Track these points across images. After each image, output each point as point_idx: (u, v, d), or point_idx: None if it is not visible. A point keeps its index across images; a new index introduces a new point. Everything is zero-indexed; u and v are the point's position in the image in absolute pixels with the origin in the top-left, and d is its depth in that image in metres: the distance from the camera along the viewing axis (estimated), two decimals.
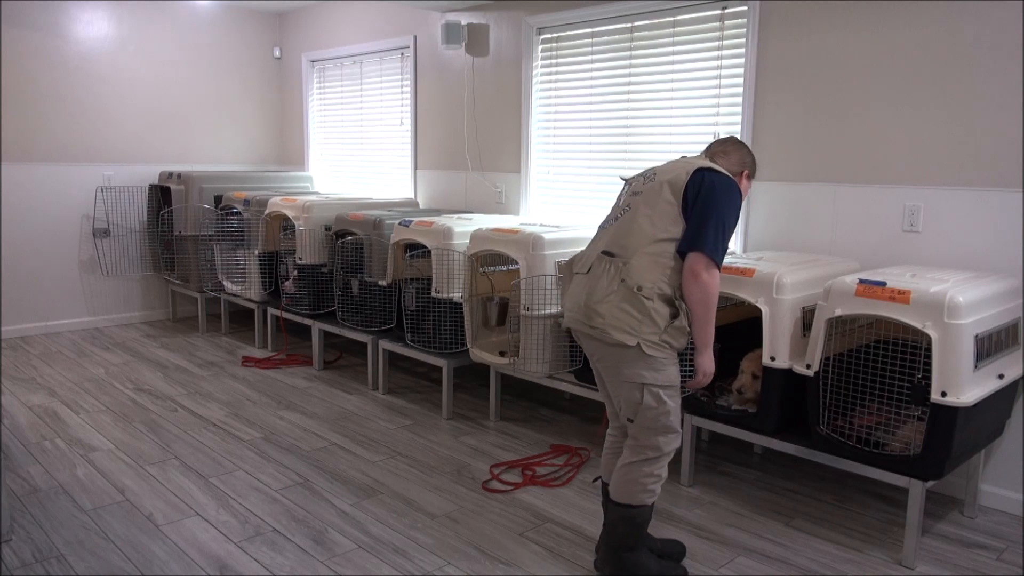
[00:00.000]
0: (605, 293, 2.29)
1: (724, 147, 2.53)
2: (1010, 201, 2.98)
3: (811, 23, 3.45)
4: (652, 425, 2.34)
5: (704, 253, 2.23)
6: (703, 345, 2.34)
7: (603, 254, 2.36)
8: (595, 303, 2.30)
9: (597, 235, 2.47)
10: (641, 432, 2.37)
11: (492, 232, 3.70)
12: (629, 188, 2.48)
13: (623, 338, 2.26)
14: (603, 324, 2.28)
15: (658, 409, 2.33)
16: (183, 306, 6.40)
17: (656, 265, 2.27)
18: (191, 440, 3.68)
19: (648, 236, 2.29)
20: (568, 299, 2.45)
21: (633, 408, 2.35)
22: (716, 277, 2.26)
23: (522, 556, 2.68)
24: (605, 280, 2.31)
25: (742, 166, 2.53)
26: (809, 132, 3.50)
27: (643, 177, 2.44)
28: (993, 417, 2.80)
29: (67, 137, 5.67)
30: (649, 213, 2.32)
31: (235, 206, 5.37)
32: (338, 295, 4.60)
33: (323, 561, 2.61)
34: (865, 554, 2.74)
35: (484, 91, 4.98)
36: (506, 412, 4.18)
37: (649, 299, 2.25)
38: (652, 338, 2.26)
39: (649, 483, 2.40)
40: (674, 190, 2.31)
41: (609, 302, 2.28)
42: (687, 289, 2.26)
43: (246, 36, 6.53)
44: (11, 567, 2.54)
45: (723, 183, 2.31)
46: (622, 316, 2.26)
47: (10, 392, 4.35)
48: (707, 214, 2.25)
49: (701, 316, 2.28)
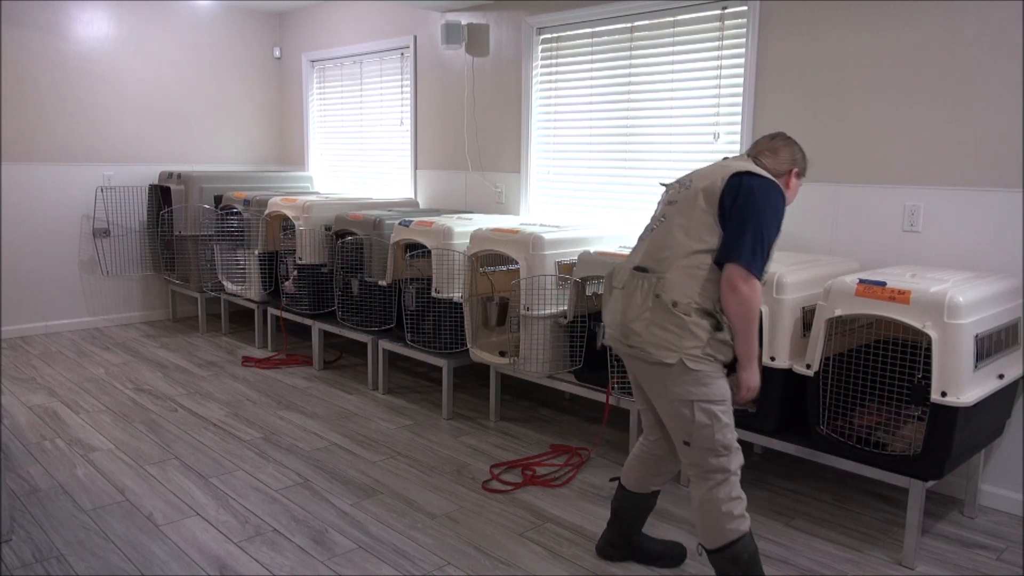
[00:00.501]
0: (640, 310, 2.19)
1: (772, 144, 2.37)
2: (1010, 201, 2.98)
3: (811, 23, 3.45)
4: (710, 445, 2.20)
5: (741, 264, 2.10)
6: (746, 360, 2.20)
7: (636, 269, 2.25)
8: (630, 321, 2.21)
9: (635, 246, 2.37)
10: (700, 455, 2.23)
11: (492, 232, 3.70)
12: (666, 196, 2.36)
13: (663, 356, 2.16)
14: (640, 343, 2.18)
15: (712, 426, 2.19)
16: (183, 306, 6.40)
17: (692, 278, 2.16)
18: (191, 440, 3.68)
19: (683, 248, 2.18)
20: (607, 315, 2.35)
21: (686, 428, 2.21)
22: (757, 289, 2.12)
23: (522, 556, 2.67)
24: (639, 296, 2.21)
25: (791, 164, 2.37)
26: (809, 132, 3.49)
27: (679, 184, 2.32)
28: (993, 417, 2.80)
29: (67, 137, 5.67)
30: (684, 223, 2.20)
31: (235, 206, 5.37)
32: (338, 295, 4.60)
33: (323, 561, 2.61)
34: (865, 554, 2.74)
35: (484, 91, 4.98)
36: (506, 412, 4.18)
37: (686, 314, 2.14)
38: (695, 352, 2.14)
39: (734, 509, 2.22)
40: (709, 197, 2.19)
41: (644, 319, 2.18)
42: (726, 302, 2.14)
43: (246, 36, 6.53)
44: (11, 567, 2.54)
45: (762, 187, 2.17)
46: (659, 333, 2.16)
47: (10, 392, 4.35)
48: (744, 222, 2.13)
49: (742, 330, 2.15)
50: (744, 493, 2.25)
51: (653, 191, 4.13)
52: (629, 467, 2.55)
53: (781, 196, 2.21)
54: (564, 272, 3.57)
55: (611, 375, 3.35)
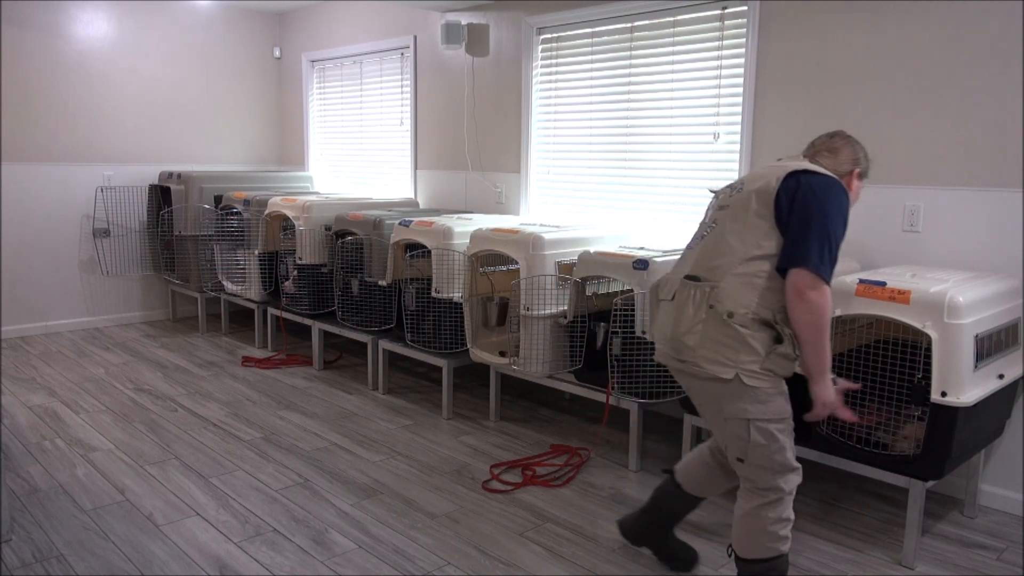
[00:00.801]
0: (692, 322, 2.05)
1: (831, 143, 2.22)
2: (1010, 201, 2.98)
3: (811, 23, 3.45)
4: (766, 464, 2.09)
5: (808, 268, 1.95)
6: (819, 373, 2.04)
7: (687, 279, 2.12)
8: (682, 334, 2.07)
9: (683, 255, 2.24)
10: (755, 473, 2.11)
11: (492, 232, 3.70)
12: (716, 201, 2.22)
13: (718, 371, 2.02)
14: (693, 357, 2.05)
15: (769, 447, 2.07)
16: (183, 306, 6.40)
17: (749, 287, 2.02)
18: (191, 440, 3.68)
19: (738, 255, 2.04)
20: (656, 330, 2.22)
21: (741, 447, 2.10)
22: (826, 294, 1.97)
23: (522, 556, 2.67)
24: (691, 308, 2.06)
25: (853, 164, 2.21)
26: (809, 132, 3.49)
27: (730, 188, 2.19)
28: (993, 417, 2.80)
29: (67, 137, 5.67)
30: (737, 228, 2.06)
31: (235, 206, 5.37)
32: (338, 295, 4.60)
33: (323, 561, 2.61)
34: (865, 554, 2.74)
35: (484, 91, 4.98)
36: (506, 412, 4.18)
37: (744, 326, 2.00)
38: (752, 367, 2.01)
39: (780, 530, 2.12)
40: (763, 199, 2.04)
41: (697, 332, 2.04)
42: (792, 311, 1.99)
43: (246, 36, 6.53)
44: (11, 567, 2.54)
45: (823, 184, 2.02)
46: (714, 346, 2.02)
47: (10, 392, 4.35)
48: (807, 222, 1.97)
49: (812, 340, 1.99)
50: (793, 514, 2.15)
51: (653, 191, 4.13)
52: (692, 468, 2.40)
53: (844, 193, 2.05)
54: (564, 272, 3.57)
55: (611, 375, 3.35)
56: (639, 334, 3.21)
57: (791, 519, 2.14)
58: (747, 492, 2.15)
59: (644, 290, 3.19)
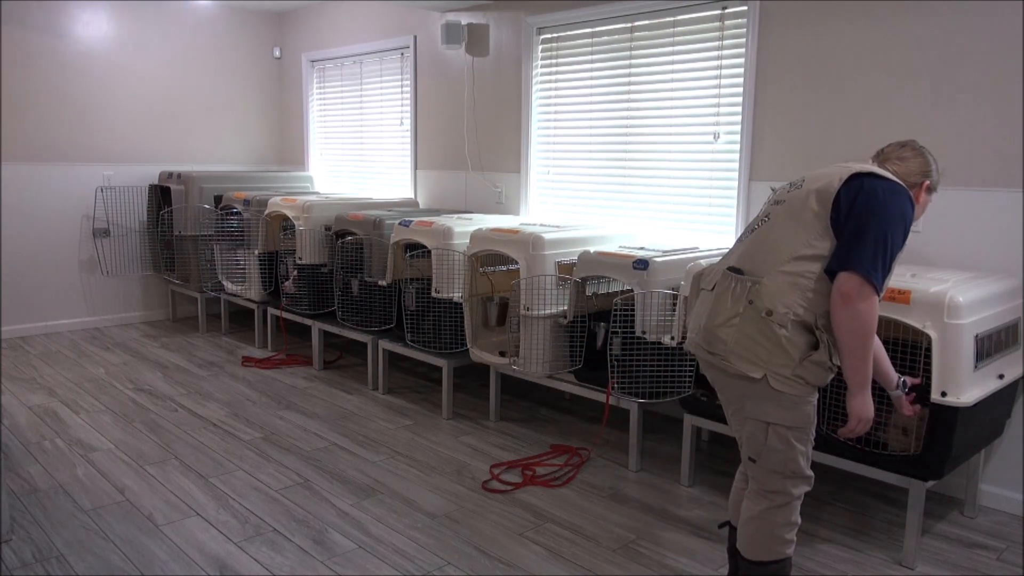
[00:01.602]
0: (728, 315, 1.98)
1: (901, 152, 2.11)
2: (1010, 201, 2.98)
3: (811, 23, 3.45)
4: (778, 468, 2.04)
5: (859, 273, 1.84)
6: (856, 386, 1.95)
7: (730, 270, 2.04)
8: (716, 326, 2.00)
9: (732, 248, 2.16)
10: (765, 475, 2.06)
11: (492, 232, 3.70)
12: (773, 196, 2.14)
13: (747, 369, 1.95)
14: (724, 351, 1.98)
15: (785, 453, 2.01)
16: (183, 306, 6.40)
17: (794, 287, 1.93)
18: (191, 440, 3.68)
19: (787, 252, 1.95)
20: (691, 319, 2.16)
21: (756, 448, 2.05)
22: (873, 303, 1.86)
23: (522, 556, 2.67)
24: (729, 300, 1.99)
25: (923, 176, 2.09)
26: (809, 132, 3.49)
27: (790, 184, 2.10)
28: (993, 417, 2.80)
29: (67, 137, 5.67)
30: (791, 226, 1.98)
31: (235, 206, 5.37)
32: (338, 295, 4.60)
33: (323, 561, 2.61)
34: (865, 554, 2.74)
35: (484, 91, 4.98)
36: (506, 412, 4.18)
37: (782, 326, 1.91)
38: (783, 371, 1.93)
39: (785, 533, 2.09)
40: (822, 198, 1.95)
41: (732, 326, 1.97)
42: (835, 316, 1.89)
43: (246, 36, 6.53)
44: (11, 567, 2.54)
45: (887, 189, 1.92)
46: (747, 343, 1.95)
47: (10, 392, 4.35)
48: (865, 226, 1.87)
49: (853, 349, 1.89)
50: (800, 518, 2.12)
51: (653, 191, 4.13)
52: (736, 503, 2.30)
53: (909, 200, 1.94)
54: (564, 272, 3.57)
55: (611, 375, 3.35)
56: (639, 334, 3.21)
57: (798, 523, 2.11)
58: (755, 494, 2.12)
59: (644, 290, 3.19)
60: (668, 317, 3.20)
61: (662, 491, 3.22)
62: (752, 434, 2.04)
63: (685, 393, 3.21)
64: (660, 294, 3.19)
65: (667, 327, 3.19)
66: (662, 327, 3.19)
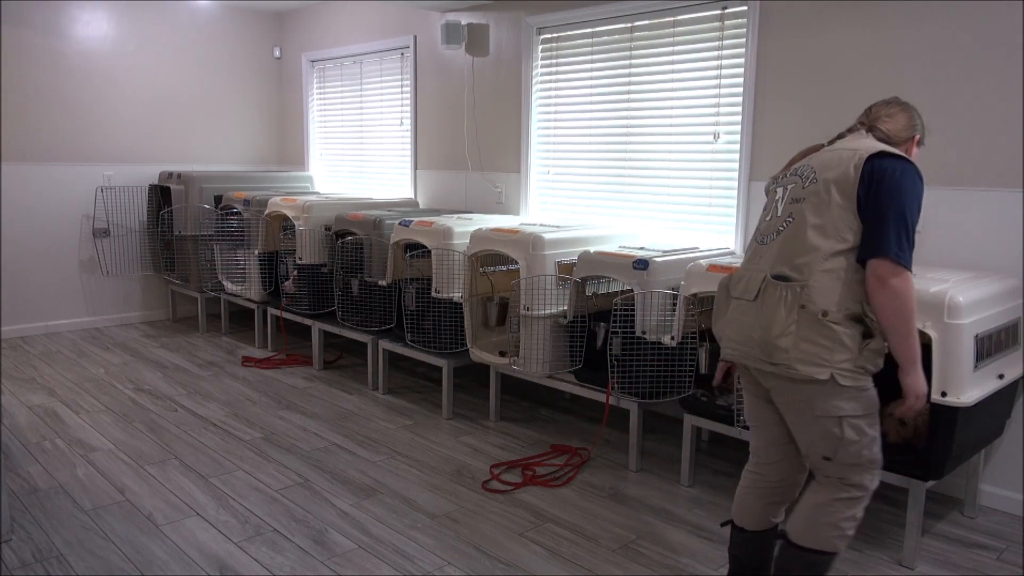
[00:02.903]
0: (784, 324, 1.98)
1: (888, 109, 2.15)
2: (1010, 201, 2.98)
3: (811, 23, 3.45)
4: (856, 460, 2.04)
5: (888, 258, 1.91)
6: (908, 362, 1.97)
7: (775, 279, 2.03)
8: (776, 337, 1.99)
9: (754, 251, 2.16)
10: (843, 471, 2.05)
11: (492, 232, 3.70)
12: (786, 193, 2.12)
13: (813, 372, 1.96)
14: (787, 359, 1.98)
15: (861, 442, 2.02)
16: (183, 306, 6.40)
17: (838, 282, 1.96)
18: (191, 440, 3.68)
19: (823, 250, 1.98)
20: (730, 328, 2.14)
21: (832, 444, 2.03)
22: (908, 280, 1.92)
23: (522, 556, 2.67)
24: (783, 310, 1.99)
25: (911, 130, 2.15)
26: (809, 132, 3.49)
27: (800, 177, 2.10)
28: (993, 417, 2.80)
29: (67, 137, 5.67)
30: (819, 223, 2.00)
31: (235, 206, 5.37)
32: (338, 295, 4.60)
33: (323, 561, 2.61)
34: (865, 554, 2.74)
35: (484, 91, 4.98)
36: (506, 412, 4.18)
37: (838, 323, 1.95)
38: (847, 365, 1.96)
39: (847, 527, 2.08)
40: (844, 190, 1.99)
41: (791, 334, 1.97)
42: (875, 301, 1.94)
43: (246, 36, 6.53)
44: (11, 567, 2.54)
45: (896, 169, 1.96)
46: (808, 347, 1.96)
47: (10, 392, 4.35)
48: (884, 210, 1.93)
49: (899, 328, 1.93)
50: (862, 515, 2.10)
51: (653, 191, 4.13)
52: (742, 504, 2.29)
53: (918, 174, 2.00)
54: (564, 272, 3.57)
55: (611, 375, 3.35)
56: (639, 334, 3.21)
57: (860, 519, 2.09)
58: (831, 485, 2.08)
59: (644, 290, 3.19)
60: (668, 317, 3.20)
61: (662, 491, 3.22)
62: (826, 431, 2.03)
63: (685, 393, 3.21)
64: (660, 294, 3.19)
65: (667, 327, 3.19)
66: (662, 327, 3.19)
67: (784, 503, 2.27)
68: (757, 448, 2.27)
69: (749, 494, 2.27)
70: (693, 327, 3.13)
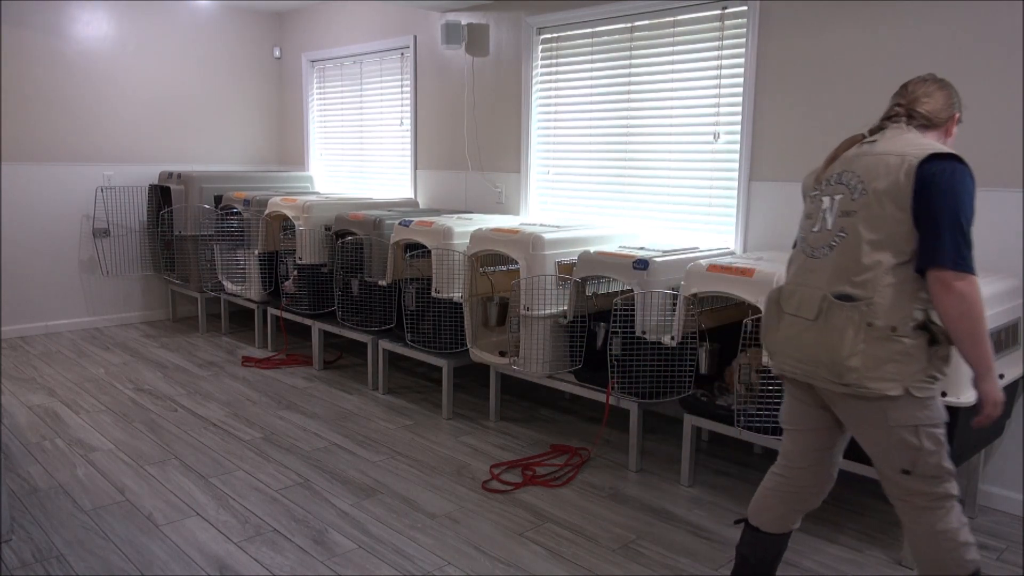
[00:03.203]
0: (853, 344, 1.93)
1: (925, 88, 2.07)
2: (1010, 201, 2.98)
3: (811, 23, 3.45)
4: (935, 472, 1.98)
5: (947, 268, 1.85)
6: (983, 368, 1.91)
7: (838, 298, 1.96)
8: (844, 358, 1.94)
9: (802, 263, 2.09)
10: (924, 484, 2.00)
11: (492, 232, 3.70)
12: (834, 204, 2.04)
13: (886, 388, 1.92)
14: (858, 378, 1.93)
15: (938, 452, 1.98)
16: (183, 306, 6.40)
17: (903, 294, 1.91)
18: (191, 440, 3.68)
19: (884, 265, 1.92)
20: (788, 346, 2.08)
21: (910, 456, 1.98)
22: (973, 283, 1.86)
23: (522, 556, 2.67)
24: (851, 331, 1.93)
25: (950, 109, 2.07)
26: (809, 132, 3.49)
27: (847, 187, 2.01)
28: None
29: (67, 137, 5.67)
30: (875, 238, 1.93)
31: (235, 206, 5.37)
32: (338, 295, 4.60)
33: (323, 561, 2.61)
34: (865, 554, 2.74)
35: (484, 91, 4.98)
36: (506, 412, 4.18)
37: (906, 336, 1.90)
38: (920, 377, 1.92)
39: (969, 537, 2.01)
40: (897, 201, 1.91)
41: (861, 352, 1.92)
42: (941, 308, 1.88)
43: (246, 36, 6.53)
44: (11, 567, 2.54)
45: (946, 171, 1.88)
46: (879, 364, 1.91)
47: (10, 392, 4.35)
48: (938, 216, 1.87)
49: (969, 332, 1.87)
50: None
51: (653, 191, 4.13)
52: (763, 504, 2.25)
53: (969, 173, 1.92)
54: (564, 272, 3.57)
55: (611, 375, 3.35)
56: (639, 334, 3.21)
57: (967, 523, 2.03)
58: (918, 510, 2.02)
59: (644, 290, 3.19)
60: (668, 317, 3.20)
61: (662, 491, 3.22)
62: (903, 442, 1.98)
63: (685, 393, 3.21)
64: (660, 294, 3.19)
65: (667, 327, 3.19)
66: (662, 327, 3.19)
67: (805, 511, 2.24)
68: (790, 452, 2.21)
69: (773, 496, 2.23)
70: (693, 327, 3.13)
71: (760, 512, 2.25)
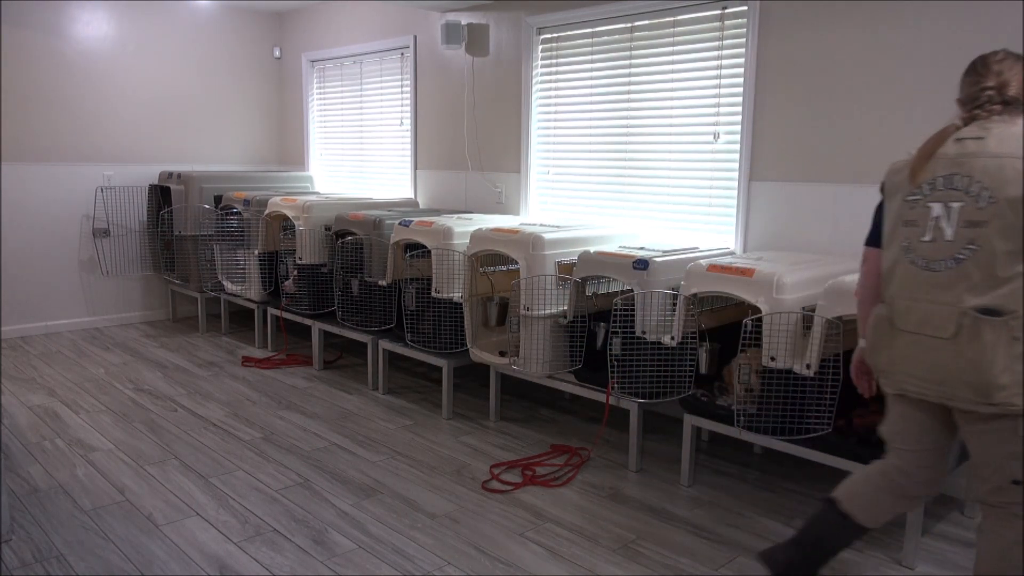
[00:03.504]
0: (1005, 361, 1.87)
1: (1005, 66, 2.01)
2: None
3: (811, 23, 3.45)
4: None
5: None
6: None
7: (983, 314, 1.89)
8: (995, 375, 1.88)
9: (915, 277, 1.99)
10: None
11: (492, 232, 3.70)
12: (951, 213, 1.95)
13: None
14: (1008, 396, 1.88)
15: None
16: (183, 306, 6.40)
17: None
18: (191, 440, 3.68)
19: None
20: (911, 364, 2.01)
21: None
22: None
23: (522, 556, 2.68)
24: (1002, 347, 1.87)
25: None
26: (809, 132, 3.49)
27: (966, 194, 1.93)
28: None
29: (67, 137, 5.67)
30: (1010, 248, 1.86)
31: (235, 206, 5.37)
32: (338, 295, 4.60)
33: (323, 561, 2.61)
34: (865, 554, 2.74)
35: (484, 91, 4.98)
36: (506, 412, 4.18)
37: None
38: None
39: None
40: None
41: (1009, 369, 1.87)
42: None
43: (246, 36, 6.53)
44: (11, 567, 2.54)
45: None
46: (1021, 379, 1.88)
47: (10, 392, 4.35)
48: None
49: None
50: None
51: (653, 191, 4.13)
52: (866, 496, 2.19)
53: None
54: (564, 272, 3.57)
55: (611, 375, 3.35)
56: (639, 334, 3.21)
57: None
58: (1014, 518, 1.98)
59: (644, 290, 3.19)
60: (668, 317, 3.20)
61: (662, 491, 3.22)
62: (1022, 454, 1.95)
63: (685, 393, 3.21)
64: (660, 294, 3.19)
65: (667, 327, 3.19)
66: (662, 327, 3.19)
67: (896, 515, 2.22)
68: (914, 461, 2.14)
69: (883, 493, 2.17)
70: (693, 327, 3.13)
71: (860, 502, 2.18)
